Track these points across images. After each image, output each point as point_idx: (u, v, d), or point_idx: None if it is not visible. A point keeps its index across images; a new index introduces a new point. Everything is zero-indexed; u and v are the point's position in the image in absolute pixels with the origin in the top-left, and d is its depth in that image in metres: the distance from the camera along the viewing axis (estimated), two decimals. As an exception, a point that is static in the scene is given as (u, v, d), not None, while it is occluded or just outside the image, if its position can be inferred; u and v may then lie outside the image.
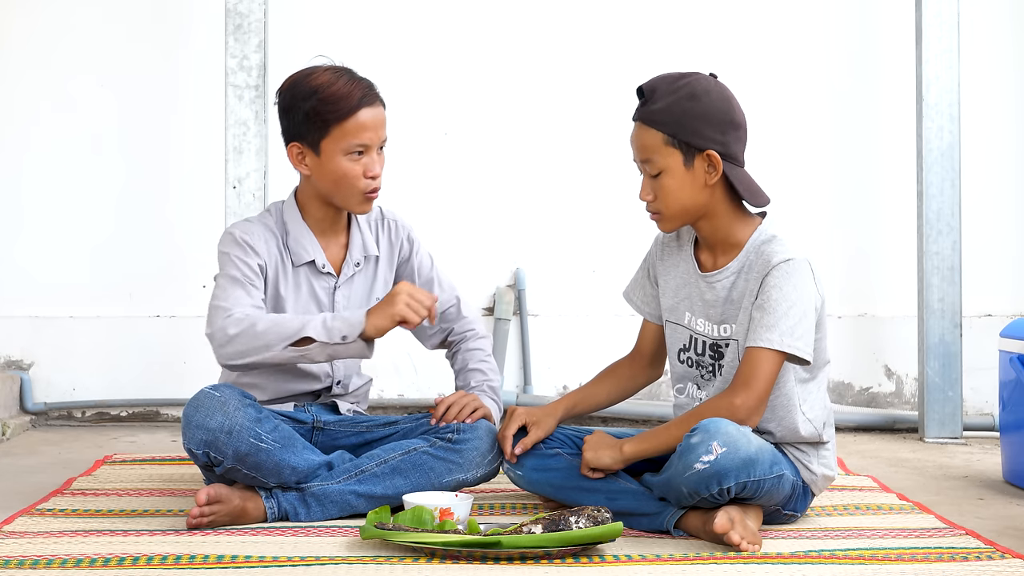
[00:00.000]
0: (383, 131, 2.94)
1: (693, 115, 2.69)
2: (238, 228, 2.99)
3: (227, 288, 2.89)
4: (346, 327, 2.78)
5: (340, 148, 2.88)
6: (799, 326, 2.65)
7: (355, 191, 2.92)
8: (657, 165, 2.71)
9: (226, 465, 2.75)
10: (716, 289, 2.77)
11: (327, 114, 2.87)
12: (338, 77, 2.91)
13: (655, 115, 2.71)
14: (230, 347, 2.81)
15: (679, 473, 2.60)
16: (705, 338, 2.79)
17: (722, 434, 2.57)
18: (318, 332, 2.77)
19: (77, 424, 4.45)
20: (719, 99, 2.72)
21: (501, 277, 4.54)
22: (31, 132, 4.47)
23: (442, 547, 2.50)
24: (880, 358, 4.60)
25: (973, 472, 3.62)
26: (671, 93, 2.70)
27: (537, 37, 4.56)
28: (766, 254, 2.70)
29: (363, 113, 2.89)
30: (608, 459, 2.77)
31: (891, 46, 4.57)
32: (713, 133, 2.70)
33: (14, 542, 2.62)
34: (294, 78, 2.95)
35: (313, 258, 2.99)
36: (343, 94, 2.88)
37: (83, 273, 4.47)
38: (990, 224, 4.60)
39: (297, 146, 2.93)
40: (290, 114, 2.92)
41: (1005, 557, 2.55)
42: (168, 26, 4.47)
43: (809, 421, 2.77)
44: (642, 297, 2.97)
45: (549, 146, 4.55)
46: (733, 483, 2.57)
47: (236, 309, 2.84)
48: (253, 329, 2.79)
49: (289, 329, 2.78)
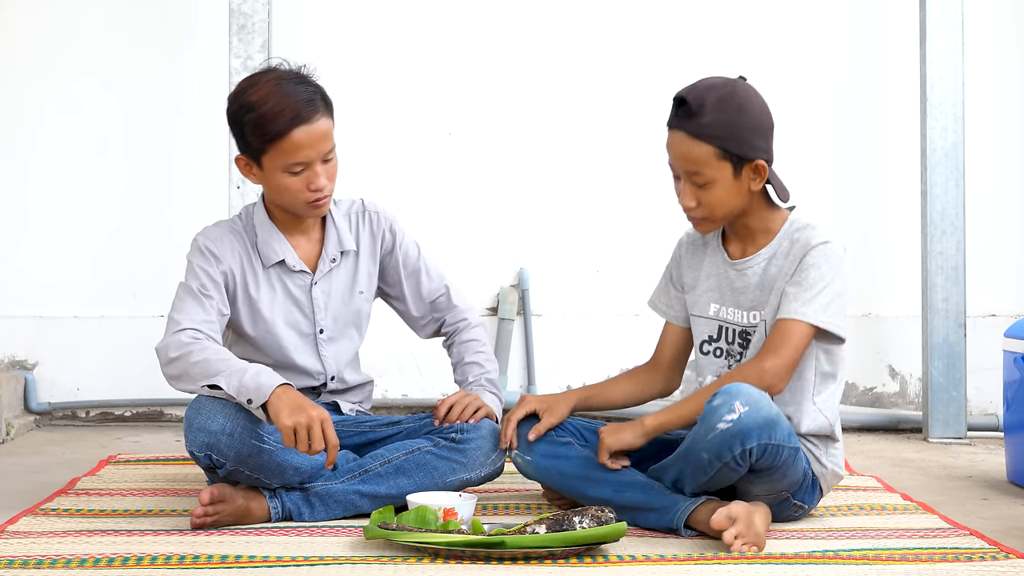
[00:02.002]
0: (324, 144, 2.84)
1: (745, 127, 2.71)
2: (203, 235, 2.98)
3: (183, 299, 2.88)
4: (255, 394, 2.67)
5: (278, 166, 2.84)
6: (833, 304, 2.71)
7: (299, 202, 2.88)
8: (706, 176, 2.73)
9: (228, 467, 2.74)
10: (747, 276, 2.81)
11: (262, 134, 2.81)
12: (274, 92, 2.81)
13: (707, 128, 2.70)
14: (168, 368, 2.80)
15: (701, 437, 2.61)
16: (735, 326, 2.83)
17: (744, 394, 2.59)
18: (229, 384, 2.69)
19: (81, 424, 4.45)
20: (761, 106, 2.75)
21: (505, 277, 4.54)
22: (36, 134, 4.48)
23: (446, 547, 2.50)
24: (884, 358, 4.60)
25: (977, 472, 3.61)
26: (721, 106, 2.70)
27: (541, 37, 4.56)
28: (804, 237, 2.76)
29: (297, 133, 2.80)
30: (630, 435, 2.76)
31: (895, 45, 4.57)
32: (762, 143, 2.74)
33: (18, 542, 2.63)
34: (239, 87, 2.90)
35: (283, 258, 2.97)
36: (275, 113, 2.79)
37: (87, 273, 4.48)
38: (994, 224, 4.59)
39: (242, 158, 2.91)
40: (233, 129, 2.90)
41: (1009, 557, 2.54)
42: (172, 27, 4.47)
43: (820, 412, 2.78)
44: (667, 302, 3.00)
45: (553, 146, 4.55)
46: (755, 443, 2.58)
47: (186, 323, 2.82)
48: (188, 359, 2.76)
49: (210, 371, 2.72)
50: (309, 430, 2.62)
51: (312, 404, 2.66)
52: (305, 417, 2.62)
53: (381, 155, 4.53)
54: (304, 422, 2.62)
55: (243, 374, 2.69)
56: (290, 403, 2.64)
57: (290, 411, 2.63)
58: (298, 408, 2.64)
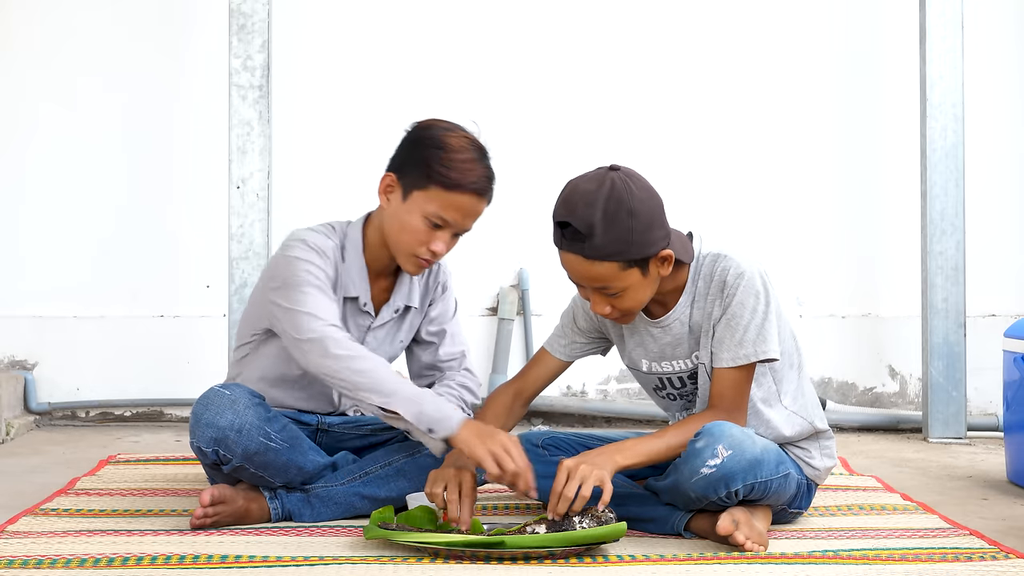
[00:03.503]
0: (470, 222, 2.81)
1: (639, 231, 2.54)
2: (311, 238, 2.88)
3: (309, 293, 2.77)
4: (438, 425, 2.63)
5: (424, 209, 2.78)
6: (763, 332, 2.64)
7: (408, 250, 2.83)
8: (614, 288, 2.61)
9: (234, 463, 2.75)
10: (673, 329, 2.73)
11: (437, 174, 2.76)
12: (471, 150, 2.79)
13: (601, 249, 2.54)
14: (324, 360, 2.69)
15: (686, 478, 2.60)
16: (680, 374, 2.78)
17: (727, 437, 2.56)
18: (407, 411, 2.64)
19: (81, 424, 4.45)
20: (646, 196, 2.56)
21: (505, 277, 4.54)
22: (35, 132, 4.48)
23: (446, 547, 2.50)
24: (884, 358, 4.60)
25: (977, 472, 3.61)
26: (609, 222, 2.52)
27: (541, 37, 4.56)
28: (719, 272, 2.67)
29: (465, 197, 2.76)
30: (606, 473, 2.62)
31: (895, 45, 4.57)
32: (659, 232, 2.58)
33: (18, 542, 2.62)
34: (435, 123, 2.86)
35: (357, 295, 2.92)
36: (462, 168, 2.76)
37: (86, 273, 4.48)
38: (994, 224, 4.60)
39: (392, 178, 2.84)
40: (408, 149, 2.84)
41: (1009, 557, 2.54)
42: (173, 27, 4.47)
43: (795, 413, 2.76)
44: (566, 344, 2.90)
45: (552, 146, 4.55)
46: (740, 485, 2.57)
47: (329, 318, 2.74)
48: (352, 363, 2.68)
49: (380, 388, 2.66)
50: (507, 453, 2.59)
51: (495, 429, 2.65)
52: (499, 444, 2.60)
53: (381, 154, 4.51)
54: (500, 449, 2.59)
55: (422, 402, 2.64)
56: (478, 432, 2.62)
57: (481, 440, 2.60)
58: (488, 436, 2.62)
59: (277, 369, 2.94)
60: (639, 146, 4.53)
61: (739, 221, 4.56)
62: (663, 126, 4.58)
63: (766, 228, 4.59)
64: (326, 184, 4.49)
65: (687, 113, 4.57)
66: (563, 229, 2.57)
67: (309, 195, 4.48)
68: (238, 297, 4.08)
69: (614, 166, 2.59)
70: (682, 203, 4.55)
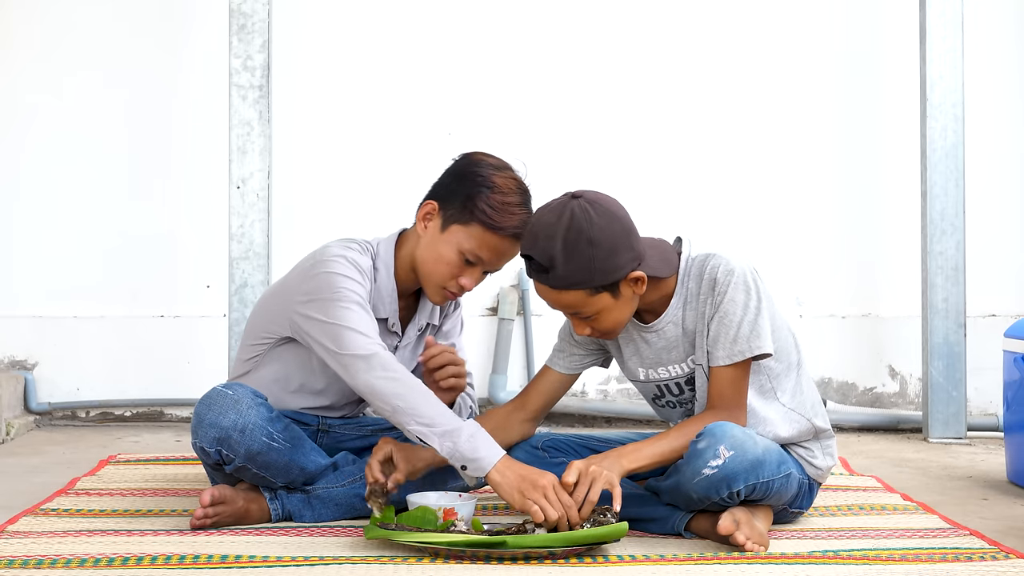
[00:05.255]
0: (501, 263, 2.84)
1: (602, 259, 2.55)
2: (350, 253, 2.85)
3: (352, 310, 2.76)
4: (472, 465, 2.61)
5: (462, 244, 2.79)
6: (755, 328, 2.64)
7: (438, 281, 2.83)
8: (588, 312, 2.63)
9: (236, 463, 2.75)
10: (666, 333, 2.73)
11: (482, 212, 2.76)
12: (516, 194, 2.78)
13: (565, 279, 2.56)
14: (368, 375, 2.68)
15: (688, 479, 2.60)
16: (673, 380, 2.77)
17: (728, 437, 2.57)
18: (442, 446, 2.62)
19: (81, 424, 4.45)
20: (608, 222, 2.56)
21: (505, 277, 4.54)
22: (34, 129, 4.48)
23: (446, 547, 2.50)
24: (884, 358, 4.60)
25: (977, 472, 3.61)
26: (570, 252, 2.53)
27: (541, 37, 4.56)
28: (708, 271, 2.67)
29: (504, 240, 2.77)
30: (615, 476, 2.62)
31: (895, 45, 4.57)
32: (626, 256, 2.58)
33: (18, 542, 2.62)
34: (485, 158, 2.84)
35: (387, 316, 2.91)
36: (506, 212, 2.76)
37: (86, 273, 4.48)
38: (994, 224, 4.60)
39: (434, 207, 2.83)
40: (454, 181, 2.82)
41: (1009, 557, 2.54)
42: (173, 26, 4.47)
43: (794, 411, 2.76)
44: (566, 358, 2.89)
45: (552, 146, 4.54)
46: (742, 486, 2.57)
47: (375, 336, 2.74)
48: (395, 385, 2.66)
49: (419, 415, 2.63)
50: (546, 498, 2.56)
51: (534, 471, 2.60)
52: (539, 493, 2.56)
53: (381, 155, 4.53)
54: (539, 498, 2.56)
55: (457, 436, 2.61)
56: (517, 480, 2.58)
57: (520, 491, 2.57)
58: (528, 484, 2.57)
59: (298, 378, 2.93)
60: (639, 147, 4.53)
61: (739, 221, 4.57)
62: (663, 126, 4.58)
63: (766, 228, 4.59)
64: (326, 184, 4.50)
65: (687, 114, 4.57)
66: (528, 261, 2.60)
67: (309, 195, 4.48)
68: (238, 297, 4.08)
69: (576, 193, 2.60)
70: (682, 204, 4.57)
